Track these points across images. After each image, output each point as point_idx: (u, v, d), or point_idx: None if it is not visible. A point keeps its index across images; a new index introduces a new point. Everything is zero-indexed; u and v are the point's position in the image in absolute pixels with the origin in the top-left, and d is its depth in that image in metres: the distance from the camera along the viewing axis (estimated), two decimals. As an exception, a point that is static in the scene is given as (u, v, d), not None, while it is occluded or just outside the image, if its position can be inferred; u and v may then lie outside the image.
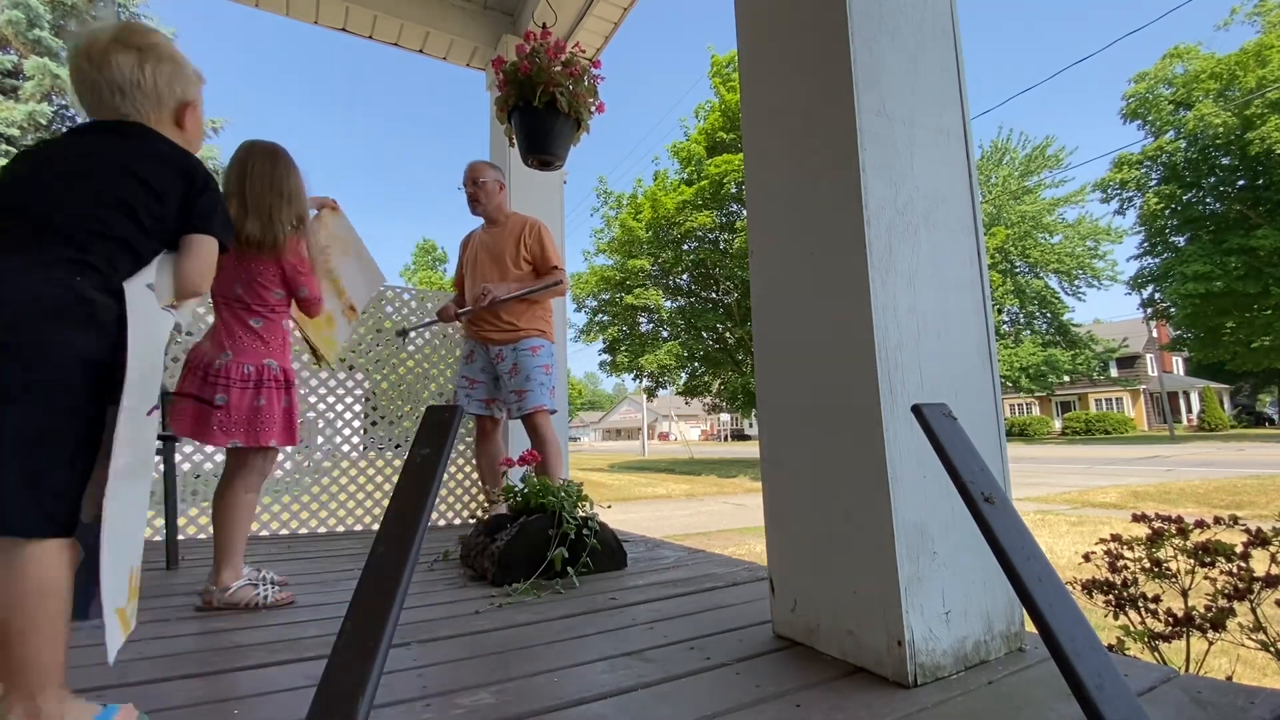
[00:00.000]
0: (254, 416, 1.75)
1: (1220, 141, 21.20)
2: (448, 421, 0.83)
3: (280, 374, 1.83)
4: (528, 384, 2.57)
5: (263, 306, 1.83)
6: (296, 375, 2.07)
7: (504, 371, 2.63)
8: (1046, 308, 27.96)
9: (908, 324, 1.20)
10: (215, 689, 1.12)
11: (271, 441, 1.77)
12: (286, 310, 1.90)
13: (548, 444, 2.57)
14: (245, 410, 1.75)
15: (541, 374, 2.59)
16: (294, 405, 1.85)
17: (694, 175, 19.08)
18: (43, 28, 11.46)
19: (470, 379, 2.73)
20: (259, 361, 1.80)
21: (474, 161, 2.81)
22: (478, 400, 2.72)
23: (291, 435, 1.82)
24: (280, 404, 1.80)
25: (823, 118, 1.28)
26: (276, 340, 1.85)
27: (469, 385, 2.73)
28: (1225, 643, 1.86)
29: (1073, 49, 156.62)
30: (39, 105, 11.12)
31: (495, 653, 1.29)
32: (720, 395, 21.56)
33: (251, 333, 1.82)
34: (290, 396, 1.84)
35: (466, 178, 2.77)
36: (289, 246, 1.83)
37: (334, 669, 0.62)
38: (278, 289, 1.85)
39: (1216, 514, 2.17)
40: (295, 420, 1.85)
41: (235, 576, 1.71)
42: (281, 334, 1.87)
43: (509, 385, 2.62)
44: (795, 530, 1.33)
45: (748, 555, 5.33)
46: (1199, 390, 34.59)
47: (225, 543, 1.72)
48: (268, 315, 1.84)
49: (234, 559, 1.72)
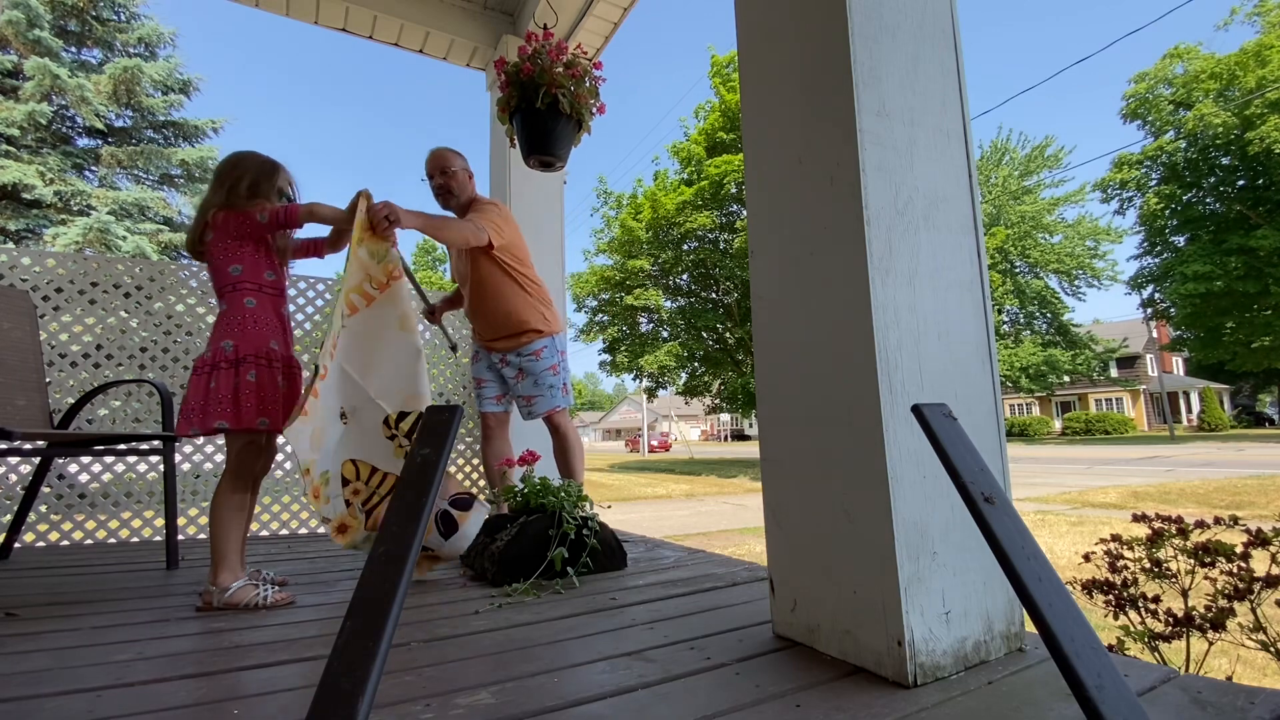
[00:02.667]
0: (204, 400, 1.69)
1: (1220, 141, 21.22)
2: (448, 421, 0.83)
3: (231, 353, 1.73)
4: (535, 389, 2.56)
5: (224, 288, 1.81)
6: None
7: (509, 377, 2.62)
8: (1046, 308, 27.96)
9: (908, 324, 1.20)
10: (215, 689, 1.12)
11: (216, 423, 1.67)
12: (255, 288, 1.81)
13: (570, 442, 2.58)
14: (198, 395, 1.70)
15: (549, 376, 2.57)
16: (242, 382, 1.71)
17: (694, 175, 19.09)
18: (43, 28, 11.45)
19: (479, 379, 2.72)
20: (217, 344, 1.75)
21: (438, 149, 2.60)
22: (489, 399, 2.70)
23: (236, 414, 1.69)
24: (228, 383, 1.70)
25: (823, 118, 1.28)
26: (236, 319, 1.77)
27: (478, 385, 2.71)
28: (1225, 643, 1.86)
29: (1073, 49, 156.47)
30: (39, 105, 11.11)
31: (495, 653, 1.29)
32: (720, 395, 21.55)
33: (219, 318, 1.80)
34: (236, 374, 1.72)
35: (433, 167, 2.53)
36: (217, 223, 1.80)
37: (334, 669, 0.62)
38: (234, 264, 1.80)
39: (1216, 514, 2.17)
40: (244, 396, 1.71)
41: (233, 577, 1.68)
42: (243, 311, 1.78)
43: (516, 390, 2.61)
44: (795, 530, 1.33)
45: (748, 555, 5.33)
46: (1199, 390, 34.59)
47: (215, 543, 1.69)
48: (229, 294, 1.80)
49: (228, 558, 1.68)
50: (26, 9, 11.12)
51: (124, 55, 12.71)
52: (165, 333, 2.87)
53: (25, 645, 1.36)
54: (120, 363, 2.76)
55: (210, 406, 1.68)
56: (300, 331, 3.08)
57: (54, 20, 11.93)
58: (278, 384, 1.78)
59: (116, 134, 12.64)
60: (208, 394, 1.69)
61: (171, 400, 2.29)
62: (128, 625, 1.51)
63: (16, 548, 2.43)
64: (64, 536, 2.63)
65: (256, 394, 1.72)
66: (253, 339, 1.76)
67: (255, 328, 1.78)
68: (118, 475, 2.72)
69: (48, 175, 11.28)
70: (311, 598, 1.79)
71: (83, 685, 1.13)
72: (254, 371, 1.73)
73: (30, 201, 11.21)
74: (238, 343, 1.74)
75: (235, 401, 1.69)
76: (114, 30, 12.70)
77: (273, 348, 1.80)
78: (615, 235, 20.26)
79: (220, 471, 2.90)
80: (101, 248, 10.79)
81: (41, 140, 11.60)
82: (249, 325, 1.77)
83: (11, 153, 11.17)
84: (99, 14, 12.48)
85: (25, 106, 11.02)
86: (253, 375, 1.73)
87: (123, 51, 12.84)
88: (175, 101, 13.04)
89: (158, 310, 2.88)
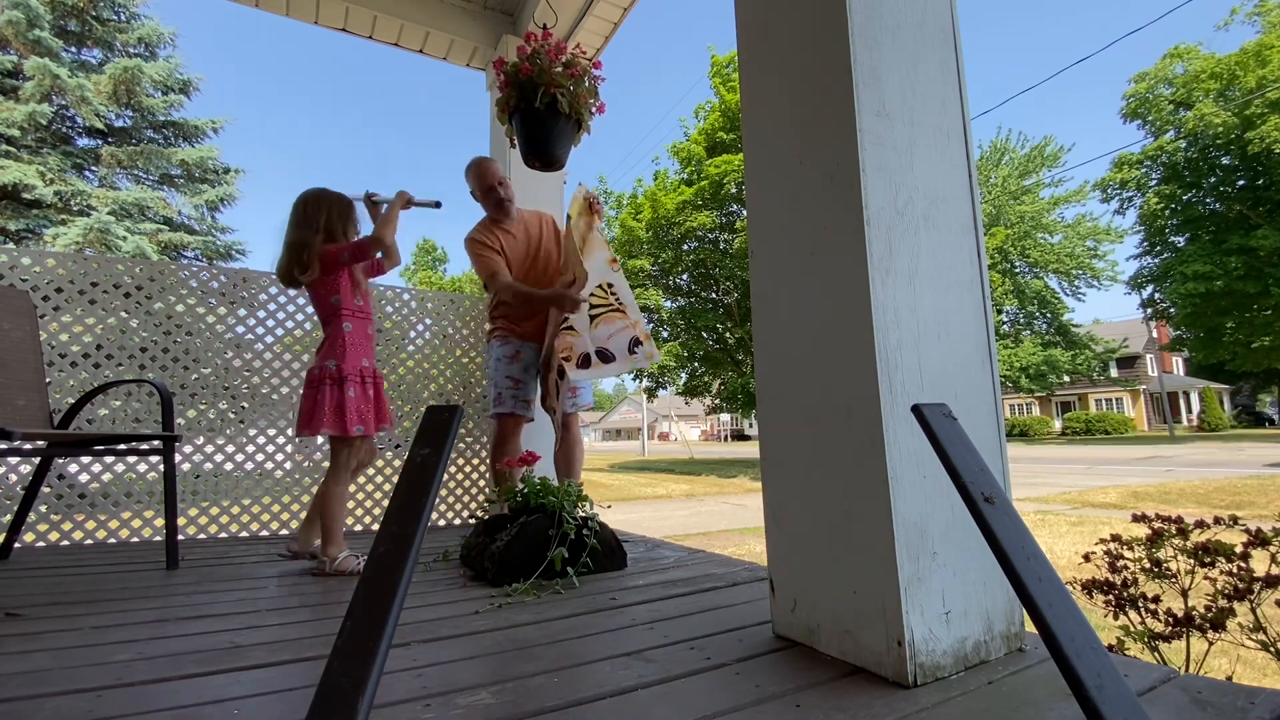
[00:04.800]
0: (313, 410, 2.09)
1: (1220, 141, 21.21)
2: (448, 421, 0.83)
3: (335, 371, 2.11)
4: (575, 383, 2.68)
5: (328, 316, 2.20)
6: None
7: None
8: (1046, 308, 27.97)
9: (908, 324, 1.20)
10: (215, 689, 1.12)
11: (324, 431, 2.06)
12: (349, 313, 2.20)
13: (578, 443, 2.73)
14: (305, 405, 2.12)
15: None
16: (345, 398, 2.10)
17: (694, 175, 19.08)
18: (43, 28, 11.45)
19: (515, 379, 2.69)
20: (321, 363, 2.14)
21: (486, 161, 2.75)
22: (522, 400, 2.69)
23: (341, 424, 2.08)
24: (331, 398, 2.08)
25: (823, 118, 1.28)
26: (338, 343, 2.15)
27: (514, 385, 2.69)
28: (1225, 643, 1.86)
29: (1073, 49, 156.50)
30: (39, 105, 11.11)
31: (495, 653, 1.29)
32: (720, 395, 21.55)
33: (325, 340, 2.19)
34: (340, 391, 2.10)
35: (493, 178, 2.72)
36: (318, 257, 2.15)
37: (334, 669, 0.62)
38: (333, 295, 2.18)
39: (1216, 514, 2.17)
40: (348, 410, 2.10)
41: (339, 549, 2.06)
42: (341, 336, 2.16)
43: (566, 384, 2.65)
44: (795, 530, 1.33)
45: (748, 555, 5.33)
46: (1199, 390, 34.59)
47: (325, 522, 2.09)
48: (332, 320, 2.18)
49: (335, 536, 2.07)
50: (26, 9, 11.12)
51: (124, 55, 12.71)
52: (165, 333, 2.87)
53: (25, 645, 1.36)
54: (120, 363, 2.76)
55: (318, 415, 2.07)
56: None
57: (54, 20, 11.92)
58: (368, 396, 2.18)
59: (116, 134, 12.64)
60: (315, 405, 2.08)
61: (171, 400, 2.29)
62: (128, 625, 1.51)
63: (16, 548, 2.43)
64: (64, 536, 2.63)
65: (356, 407, 2.12)
66: (351, 359, 2.15)
67: (353, 350, 2.17)
68: (118, 475, 2.72)
69: (48, 175, 11.28)
70: (312, 598, 1.79)
71: (83, 685, 1.13)
72: (353, 389, 2.12)
73: (30, 201, 11.21)
74: (340, 363, 2.13)
75: (339, 413, 2.08)
76: (114, 30, 12.70)
77: (364, 365, 2.19)
78: (615, 235, 20.25)
79: (218, 472, 2.91)
80: (101, 248, 10.79)
81: (41, 140, 11.60)
82: (349, 348, 2.16)
83: (11, 153, 11.16)
84: (99, 14, 12.48)
85: (25, 106, 11.03)
86: (353, 392, 2.12)
87: (123, 51, 12.84)
88: (175, 101, 13.04)
89: (158, 310, 2.87)
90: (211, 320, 2.99)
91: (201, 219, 13.34)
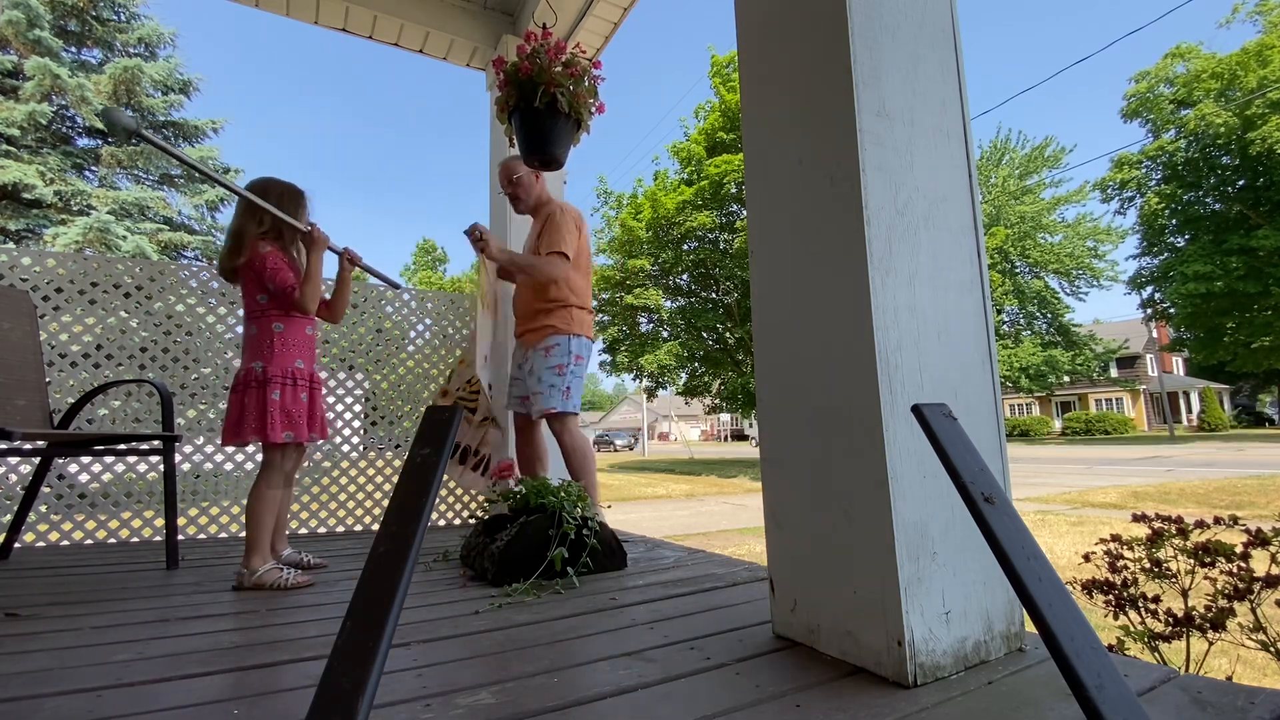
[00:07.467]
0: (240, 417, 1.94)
1: (1221, 141, 21.20)
2: (448, 421, 0.83)
3: (260, 374, 1.96)
4: (537, 385, 2.57)
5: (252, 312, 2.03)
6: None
7: (525, 372, 2.66)
8: (1046, 308, 27.94)
9: (908, 324, 1.20)
10: (215, 689, 1.12)
11: (251, 438, 1.92)
12: (281, 313, 2.02)
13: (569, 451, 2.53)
14: (230, 413, 1.96)
15: (552, 375, 2.55)
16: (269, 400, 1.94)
17: (694, 175, 19.07)
18: (43, 28, 11.45)
19: (513, 376, 2.79)
20: (247, 365, 1.99)
21: (504, 160, 2.79)
22: (515, 398, 2.74)
23: (263, 430, 1.92)
24: (256, 403, 1.94)
25: (823, 118, 1.28)
26: (264, 343, 1.99)
27: (510, 383, 2.80)
28: (1225, 643, 1.86)
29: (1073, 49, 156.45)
30: (39, 105, 11.11)
31: (495, 653, 1.29)
32: (720, 395, 21.54)
33: (247, 340, 2.03)
34: (263, 394, 1.94)
35: (502, 179, 2.76)
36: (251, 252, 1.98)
37: (334, 669, 0.62)
38: (261, 292, 2.00)
39: (1216, 514, 2.17)
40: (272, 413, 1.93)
41: (262, 561, 1.90)
42: (270, 335, 2.00)
43: (526, 385, 2.65)
44: (795, 530, 1.33)
45: (748, 555, 5.33)
46: (1199, 390, 34.59)
47: (249, 531, 1.92)
48: (256, 318, 2.02)
49: (259, 545, 1.91)
50: (26, 9, 11.12)
51: (124, 55, 12.71)
52: (165, 333, 2.87)
53: (25, 645, 1.36)
54: (120, 363, 2.76)
55: (245, 423, 1.92)
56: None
57: (54, 20, 11.92)
58: (299, 400, 2.01)
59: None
60: (241, 412, 1.93)
61: (171, 400, 2.29)
62: (128, 625, 1.51)
63: (16, 548, 2.43)
64: (64, 536, 2.63)
65: (284, 410, 1.96)
66: (280, 361, 1.99)
67: (284, 351, 2.01)
68: (118, 475, 2.72)
69: (48, 175, 11.28)
70: (311, 597, 1.79)
71: (83, 685, 1.13)
72: (278, 390, 1.96)
73: (30, 201, 11.21)
74: (266, 365, 1.97)
75: (262, 418, 1.93)
76: (114, 30, 12.70)
77: (298, 367, 2.03)
78: (615, 235, 20.24)
79: (218, 472, 2.92)
80: (101, 248, 10.79)
81: (41, 140, 11.60)
82: (278, 349, 2.00)
83: (11, 153, 11.16)
84: (99, 14, 12.48)
85: (25, 106, 11.02)
86: (277, 394, 1.95)
87: (123, 51, 12.83)
88: (175, 102, 13.04)
89: (158, 310, 2.87)
90: (211, 320, 2.99)
91: (201, 219, 13.35)
